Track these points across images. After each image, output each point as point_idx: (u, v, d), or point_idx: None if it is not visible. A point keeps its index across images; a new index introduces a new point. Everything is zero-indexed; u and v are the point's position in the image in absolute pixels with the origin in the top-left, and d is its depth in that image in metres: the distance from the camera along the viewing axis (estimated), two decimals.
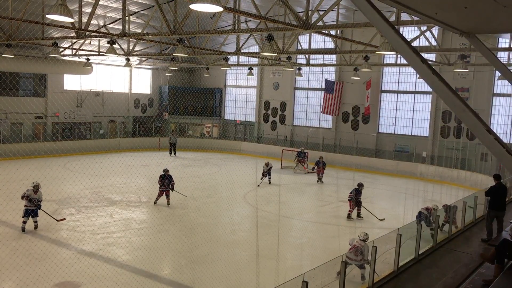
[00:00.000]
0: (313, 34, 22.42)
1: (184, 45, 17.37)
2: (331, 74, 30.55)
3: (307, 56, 25.74)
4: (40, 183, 13.35)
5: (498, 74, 22.78)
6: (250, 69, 28.89)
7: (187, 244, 12.63)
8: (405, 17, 13.67)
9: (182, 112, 34.42)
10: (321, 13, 14.22)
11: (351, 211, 16.05)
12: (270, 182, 21.76)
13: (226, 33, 17.16)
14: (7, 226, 12.91)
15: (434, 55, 22.84)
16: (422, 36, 18.81)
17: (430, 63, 20.02)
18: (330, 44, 27.23)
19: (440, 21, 4.99)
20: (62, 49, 24.83)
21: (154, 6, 16.54)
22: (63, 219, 14.08)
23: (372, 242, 8.42)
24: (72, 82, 30.05)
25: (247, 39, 23.64)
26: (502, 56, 22.81)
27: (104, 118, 31.89)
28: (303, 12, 14.99)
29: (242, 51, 23.07)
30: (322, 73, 31.08)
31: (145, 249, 12.20)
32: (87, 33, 15.01)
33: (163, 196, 16.69)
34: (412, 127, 27.69)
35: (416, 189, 21.54)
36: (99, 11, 20.66)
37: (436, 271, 8.74)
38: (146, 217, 15.62)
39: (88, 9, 16.81)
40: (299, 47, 28.17)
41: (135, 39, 19.42)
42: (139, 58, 29.88)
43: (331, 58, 28.15)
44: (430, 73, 3.92)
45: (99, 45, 24.45)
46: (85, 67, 28.11)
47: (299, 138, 30.88)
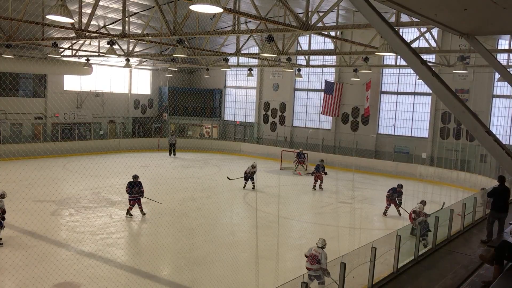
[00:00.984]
0: (313, 35, 22.45)
1: (184, 46, 17.37)
2: (330, 75, 30.55)
3: (307, 57, 25.75)
4: (40, 183, 13.33)
5: (497, 75, 22.77)
6: (250, 70, 28.91)
7: (186, 245, 12.64)
8: (404, 18, 13.67)
9: (182, 113, 34.34)
10: (321, 14, 14.21)
11: (387, 207, 16.82)
12: (254, 187, 20.36)
13: (226, 34, 17.18)
14: (7, 226, 12.88)
15: (434, 56, 22.83)
16: (421, 38, 18.85)
17: (430, 64, 20.05)
18: (330, 45, 27.23)
19: (440, 23, 4.99)
20: (62, 49, 24.82)
21: (154, 7, 16.54)
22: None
23: (372, 243, 8.41)
24: (72, 83, 30.05)
25: (247, 40, 23.65)
26: (502, 58, 22.81)
27: (104, 118, 31.89)
28: (303, 13, 14.99)
29: (242, 52, 23.07)
30: (322, 74, 31.08)
31: (145, 250, 12.21)
32: (87, 33, 15.00)
33: (136, 206, 15.13)
34: (411, 128, 27.69)
35: (415, 190, 21.51)
36: (99, 11, 20.67)
37: (435, 272, 8.73)
38: (145, 217, 15.61)
39: (88, 10, 16.82)
40: (299, 48, 28.23)
41: (135, 39, 19.43)
42: (139, 58, 29.87)
43: (331, 59, 28.17)
44: (430, 74, 3.92)
45: (99, 45, 24.46)
46: (85, 68, 28.13)
47: (298, 139, 30.85)
